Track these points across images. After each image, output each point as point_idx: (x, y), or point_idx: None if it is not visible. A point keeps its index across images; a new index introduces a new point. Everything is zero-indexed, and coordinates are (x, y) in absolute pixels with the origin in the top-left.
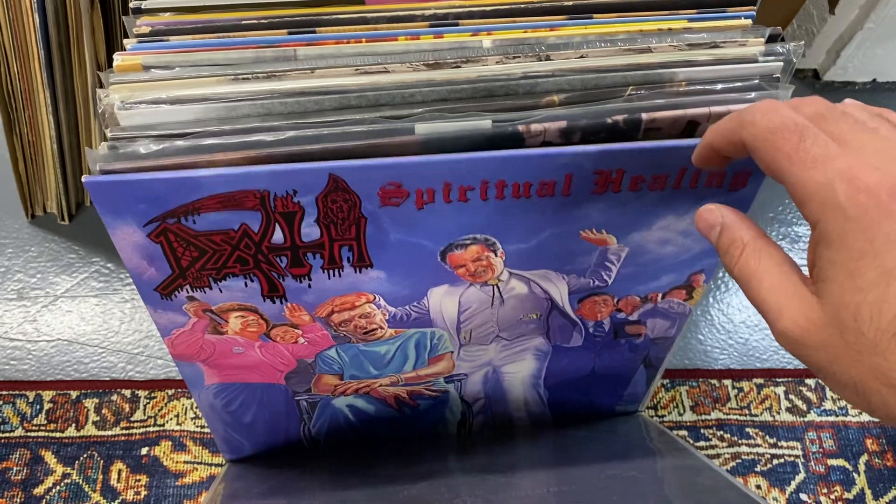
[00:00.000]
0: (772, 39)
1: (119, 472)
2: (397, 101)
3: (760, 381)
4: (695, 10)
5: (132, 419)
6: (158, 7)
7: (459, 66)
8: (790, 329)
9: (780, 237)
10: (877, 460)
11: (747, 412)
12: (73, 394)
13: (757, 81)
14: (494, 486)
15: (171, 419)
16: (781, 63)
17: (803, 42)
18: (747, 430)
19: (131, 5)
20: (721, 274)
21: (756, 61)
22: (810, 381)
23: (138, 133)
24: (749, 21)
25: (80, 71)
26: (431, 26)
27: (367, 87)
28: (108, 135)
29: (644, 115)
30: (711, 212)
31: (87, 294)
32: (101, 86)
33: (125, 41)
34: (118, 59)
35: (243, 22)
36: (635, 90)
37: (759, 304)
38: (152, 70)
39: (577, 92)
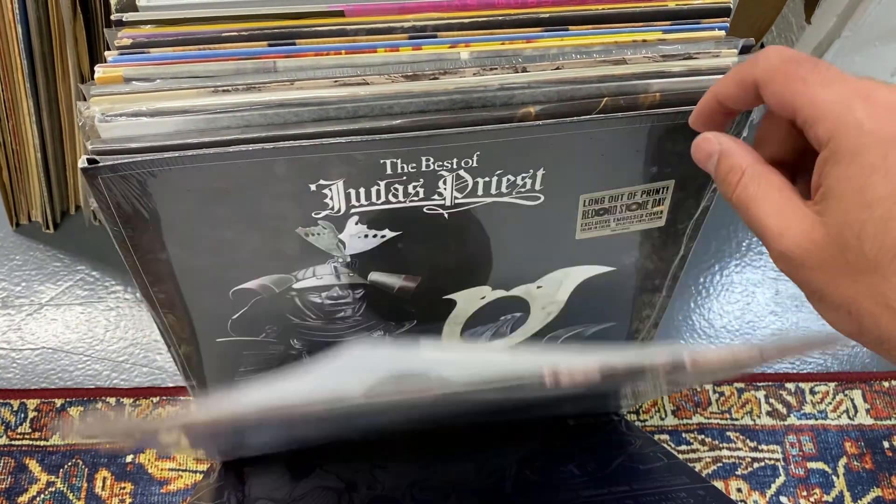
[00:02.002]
0: (745, 51)
1: (104, 479)
2: (376, 112)
3: (741, 385)
4: (669, 22)
5: None
6: (140, 20)
7: (437, 78)
8: (790, 249)
9: (761, 243)
10: (855, 463)
11: (728, 416)
12: (58, 402)
13: None
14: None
15: None
16: None
17: None
18: (728, 433)
19: (113, 17)
20: (702, 279)
21: None
22: (790, 386)
23: (119, 145)
24: (722, 32)
25: (63, 80)
26: (410, 38)
27: (346, 99)
28: (89, 147)
29: None
30: (709, 140)
31: (71, 302)
32: (83, 98)
33: (106, 53)
34: (99, 70)
35: (224, 34)
36: (611, 101)
37: (758, 227)
38: (133, 82)
39: (553, 104)
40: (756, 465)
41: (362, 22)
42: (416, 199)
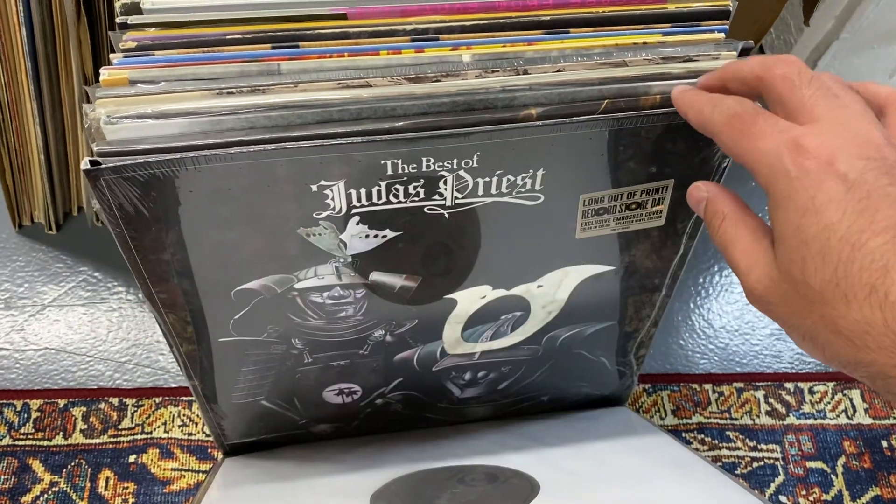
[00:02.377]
0: (744, 53)
1: (107, 479)
2: (379, 114)
3: (740, 385)
4: (669, 25)
5: (120, 427)
6: (144, 23)
7: (440, 80)
8: (755, 286)
9: None
10: (854, 462)
11: (727, 416)
12: (61, 402)
13: None
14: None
15: (158, 427)
16: None
17: None
18: (727, 433)
19: (117, 20)
20: (702, 280)
21: None
22: (789, 385)
23: (123, 147)
24: (722, 35)
25: (66, 82)
26: (412, 41)
27: (350, 101)
28: (95, 149)
29: None
30: (698, 188)
31: (74, 303)
32: (88, 100)
33: (111, 56)
34: (105, 73)
35: (228, 37)
36: (611, 104)
37: (732, 266)
38: (138, 84)
39: (555, 105)
40: (755, 464)
41: (365, 25)
42: (416, 199)
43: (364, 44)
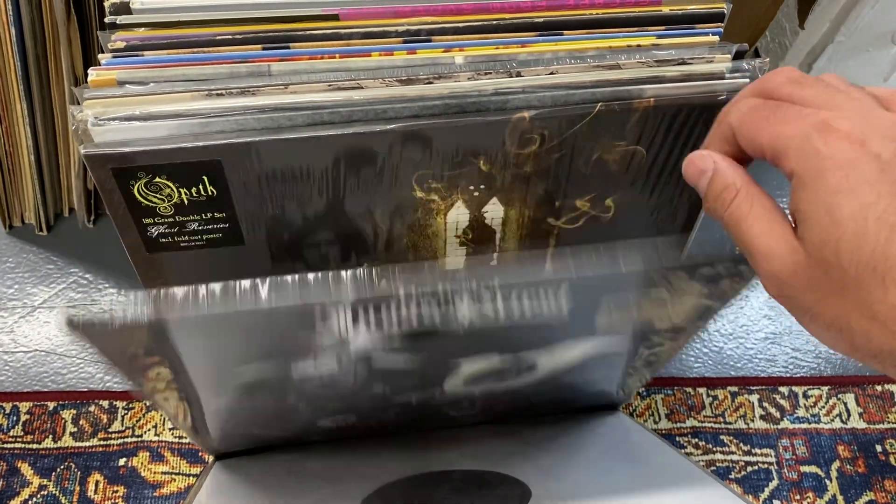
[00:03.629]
0: (738, 56)
1: (96, 483)
2: (370, 116)
3: (734, 388)
4: (663, 27)
5: (110, 430)
6: (133, 23)
7: (432, 82)
8: (779, 271)
9: None
10: (848, 467)
11: (722, 420)
12: (51, 405)
13: (724, 97)
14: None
15: (149, 430)
16: (748, 80)
17: (768, 59)
18: (722, 437)
19: (106, 20)
20: None
21: (723, 78)
22: (783, 389)
23: (111, 150)
24: (716, 38)
25: (57, 82)
26: (405, 42)
27: (341, 103)
28: (82, 151)
29: None
30: (703, 157)
31: (65, 305)
32: (77, 101)
33: (100, 56)
34: (93, 73)
35: (218, 37)
36: (604, 107)
37: (747, 247)
38: (127, 85)
39: (548, 108)
40: (749, 468)
41: (357, 26)
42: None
43: (356, 45)
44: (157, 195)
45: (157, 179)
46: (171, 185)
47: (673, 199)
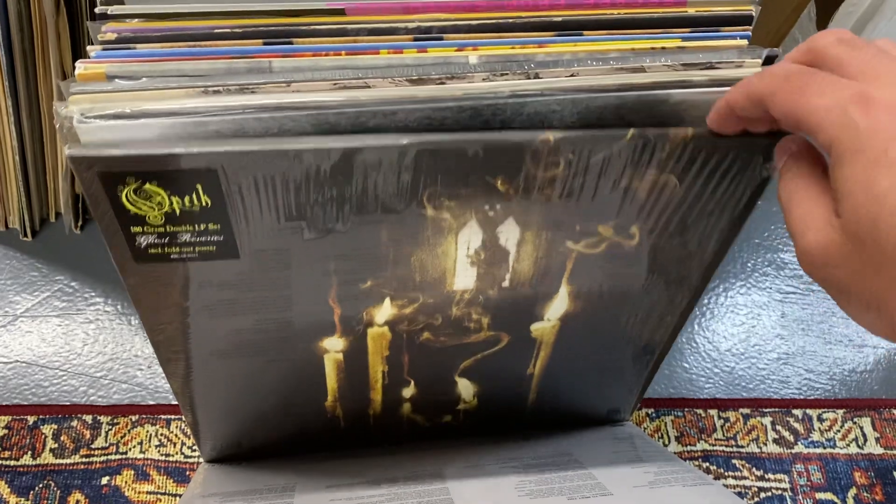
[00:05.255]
0: (768, 61)
1: (77, 502)
2: (379, 119)
3: (747, 410)
4: (688, 29)
5: (92, 446)
6: (126, 13)
7: (444, 83)
8: (812, 247)
9: (767, 263)
10: (865, 494)
11: (734, 443)
12: (31, 419)
13: None
14: None
15: (134, 446)
16: None
17: None
18: (734, 461)
19: (97, 10)
20: (707, 301)
21: None
22: (797, 412)
23: (98, 152)
24: (745, 42)
25: (44, 79)
26: (415, 40)
27: (347, 104)
28: (67, 152)
29: None
30: (789, 141)
31: (48, 314)
32: (62, 97)
33: (89, 48)
34: (80, 67)
35: (216, 31)
36: (637, 132)
37: (788, 224)
38: (117, 80)
39: (574, 132)
40: (763, 494)
41: (364, 21)
42: None
43: (363, 42)
44: (147, 203)
45: (148, 186)
46: (162, 192)
47: (707, 229)
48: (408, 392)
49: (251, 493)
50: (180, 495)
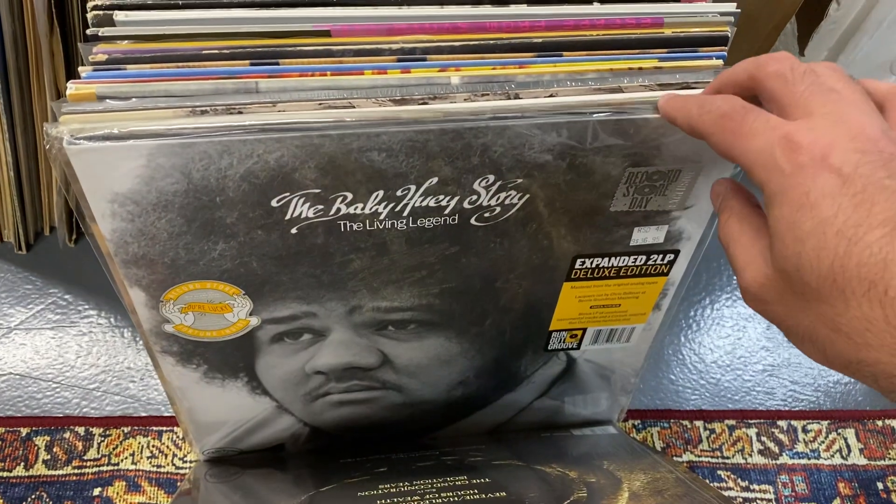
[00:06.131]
0: None
1: None
2: (363, 141)
3: (732, 422)
4: (665, 50)
5: (85, 458)
6: (116, 35)
7: (427, 103)
8: (750, 285)
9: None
10: None
11: (719, 454)
12: (24, 430)
13: None
14: None
15: (126, 458)
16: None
17: None
18: (719, 472)
19: (89, 32)
20: (693, 313)
21: None
22: (782, 423)
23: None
24: (721, 62)
25: (38, 97)
26: (399, 61)
27: (331, 126)
28: (56, 174)
29: None
30: (720, 184)
31: (42, 326)
32: (54, 116)
33: (80, 69)
34: (72, 87)
35: (204, 52)
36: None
37: (731, 263)
38: (107, 100)
39: None
40: None
41: (349, 43)
42: None
43: (348, 62)
44: None
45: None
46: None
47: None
48: None
49: None
50: None
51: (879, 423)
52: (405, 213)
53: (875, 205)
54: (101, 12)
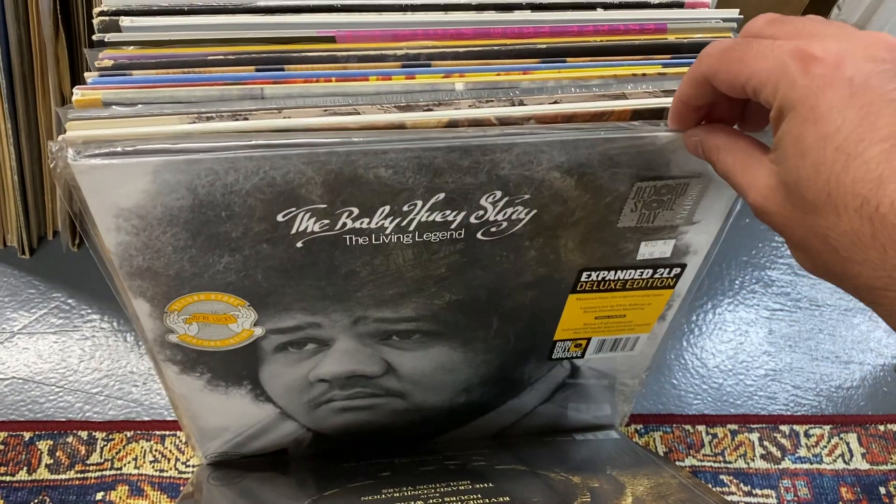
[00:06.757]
0: None
1: None
2: (370, 158)
3: (734, 426)
4: (669, 56)
5: (88, 462)
6: (122, 41)
7: (431, 110)
8: (756, 200)
9: (754, 280)
10: None
11: (721, 459)
12: (27, 435)
13: None
14: None
15: (128, 462)
16: None
17: None
18: (722, 477)
19: (94, 38)
20: (695, 318)
21: None
22: (784, 428)
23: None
24: None
25: (43, 102)
26: (403, 67)
27: (338, 143)
28: (59, 191)
29: None
30: (690, 134)
31: (45, 331)
32: (60, 122)
33: (86, 74)
34: (78, 93)
35: (209, 58)
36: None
37: (737, 189)
38: (113, 106)
39: None
40: None
41: (354, 49)
42: None
43: (352, 68)
44: None
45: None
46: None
47: None
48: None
49: None
50: None
51: (882, 427)
52: (411, 228)
53: (880, 118)
54: (106, 18)
